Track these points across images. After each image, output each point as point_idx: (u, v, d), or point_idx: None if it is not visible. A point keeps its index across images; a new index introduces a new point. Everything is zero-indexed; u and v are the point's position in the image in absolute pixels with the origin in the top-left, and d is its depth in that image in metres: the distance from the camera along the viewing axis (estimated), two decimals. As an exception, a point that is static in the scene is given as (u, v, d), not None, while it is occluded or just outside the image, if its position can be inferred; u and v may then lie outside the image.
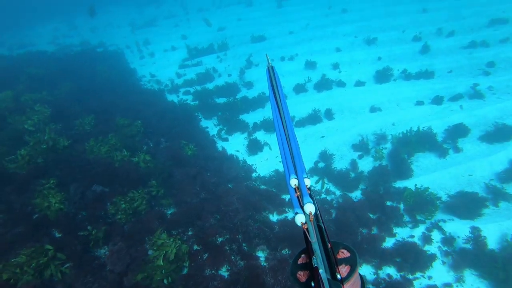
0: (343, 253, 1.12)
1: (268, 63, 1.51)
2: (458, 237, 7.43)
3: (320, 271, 0.94)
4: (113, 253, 6.19)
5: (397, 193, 8.59)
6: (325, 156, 10.03)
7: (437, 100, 11.47)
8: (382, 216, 8.01)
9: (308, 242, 1.02)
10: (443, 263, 7.05)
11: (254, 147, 10.83)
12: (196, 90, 14.60)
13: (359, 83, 13.36)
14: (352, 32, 17.37)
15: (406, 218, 8.12)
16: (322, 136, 11.00)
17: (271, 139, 11.18)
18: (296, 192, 1.06)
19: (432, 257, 7.09)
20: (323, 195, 8.96)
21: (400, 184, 8.86)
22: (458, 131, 9.80)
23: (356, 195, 8.85)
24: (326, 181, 9.47)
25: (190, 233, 6.88)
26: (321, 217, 1.08)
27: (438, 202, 8.24)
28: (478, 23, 15.86)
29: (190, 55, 18.64)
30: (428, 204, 8.14)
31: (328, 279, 0.95)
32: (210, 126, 12.37)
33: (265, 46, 17.88)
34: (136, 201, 7.22)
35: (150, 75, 17.12)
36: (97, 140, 8.95)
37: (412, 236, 7.60)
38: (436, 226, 7.82)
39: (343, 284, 1.00)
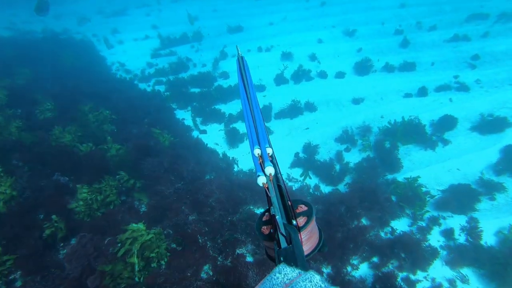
0: (301, 208, 1.19)
1: (238, 53, 1.53)
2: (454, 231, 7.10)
3: (277, 217, 1.00)
4: (74, 252, 5.29)
5: (386, 184, 8.17)
6: (309, 149, 9.48)
7: (424, 93, 11.18)
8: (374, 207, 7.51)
9: (269, 199, 1.06)
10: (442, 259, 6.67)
11: (233, 138, 10.12)
12: (169, 80, 13.71)
13: (341, 75, 12.92)
14: (333, 25, 17.01)
15: (398, 210, 7.69)
16: (307, 128, 10.47)
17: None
18: (259, 160, 1.09)
19: (433, 252, 6.67)
20: (310, 190, 8.41)
21: (389, 177, 8.46)
22: (448, 123, 9.49)
23: (342, 187, 8.36)
24: (310, 174, 8.93)
25: (167, 229, 6.08)
26: (281, 179, 1.11)
27: (427, 196, 7.88)
28: (459, 18, 15.88)
29: (163, 45, 17.65)
30: (417, 197, 7.76)
31: (283, 223, 1.01)
32: (185, 116, 11.54)
33: (243, 37, 17.19)
34: (103, 193, 6.33)
35: (119, 64, 16.00)
36: (62, 128, 7.96)
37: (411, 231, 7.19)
38: (431, 220, 7.44)
39: (299, 231, 1.09)
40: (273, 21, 18.46)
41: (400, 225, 7.38)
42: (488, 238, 6.89)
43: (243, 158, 9.43)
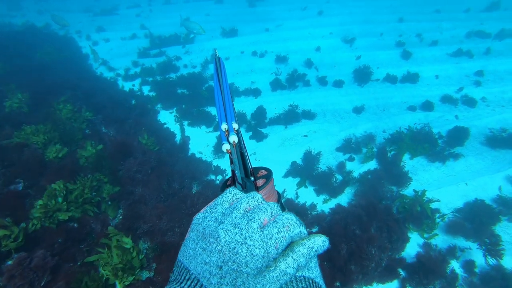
0: (262, 172, 1.23)
1: (216, 55, 1.47)
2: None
3: (236, 172, 1.03)
4: (18, 268, 4.17)
5: (391, 199, 7.31)
6: (309, 157, 8.58)
7: (429, 107, 10.51)
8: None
9: (231, 161, 1.09)
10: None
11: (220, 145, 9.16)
12: (156, 80, 12.73)
13: (340, 83, 12.20)
14: (331, 34, 16.44)
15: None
16: (305, 136, 9.63)
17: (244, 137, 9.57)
18: (225, 133, 1.11)
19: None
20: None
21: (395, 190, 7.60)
22: (458, 137, 8.81)
23: (344, 200, 7.48)
24: (307, 184, 8.02)
25: (147, 243, 5.05)
26: (245, 148, 1.13)
27: (437, 215, 7.05)
28: (459, 35, 15.57)
29: (152, 45, 16.68)
30: (425, 214, 6.89)
31: (242, 177, 1.03)
32: (170, 118, 10.58)
33: (236, 41, 16.40)
34: (74, 198, 5.26)
35: (103, 61, 14.93)
36: (35, 127, 6.85)
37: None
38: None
39: (257, 190, 1.09)
40: (268, 28, 17.78)
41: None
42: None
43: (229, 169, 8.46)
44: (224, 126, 1.13)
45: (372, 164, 8.39)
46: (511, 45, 14.44)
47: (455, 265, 6.11)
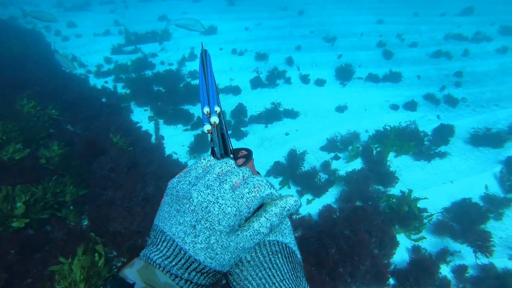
0: (242, 153, 1.26)
1: (202, 48, 1.48)
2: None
3: (215, 148, 1.03)
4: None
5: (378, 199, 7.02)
6: (293, 157, 8.21)
7: (411, 107, 10.41)
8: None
9: (211, 141, 1.10)
10: None
11: (200, 144, 8.67)
12: (130, 77, 12.08)
13: (321, 82, 11.94)
14: (312, 33, 16.25)
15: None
16: (286, 134, 9.28)
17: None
18: (207, 116, 1.12)
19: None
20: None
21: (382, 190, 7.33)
22: (444, 135, 8.68)
23: (329, 200, 7.14)
24: (291, 184, 7.64)
25: (114, 252, 4.49)
26: (226, 129, 1.14)
27: (425, 214, 6.81)
28: (437, 37, 15.75)
29: (127, 41, 15.95)
30: (413, 214, 6.64)
31: (221, 153, 1.03)
32: (145, 116, 10.00)
33: (215, 39, 15.95)
34: (34, 203, 4.64)
35: (72, 57, 14.12)
36: None
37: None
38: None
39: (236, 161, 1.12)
40: (248, 27, 17.41)
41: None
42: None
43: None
44: (206, 110, 1.15)
45: (358, 163, 8.11)
46: (487, 47, 14.70)
47: (445, 270, 5.85)
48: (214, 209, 0.73)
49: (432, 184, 7.62)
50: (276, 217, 0.76)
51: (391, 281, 5.47)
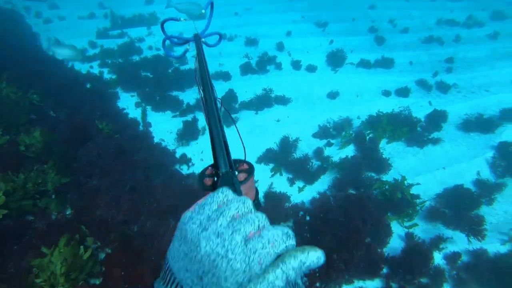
0: (243, 166, 1.23)
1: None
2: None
3: (219, 164, 1.05)
4: None
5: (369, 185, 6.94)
6: (286, 144, 8.06)
7: (403, 93, 10.32)
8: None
9: (214, 155, 1.11)
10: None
11: (189, 131, 8.44)
12: (117, 62, 11.68)
13: (313, 67, 11.73)
14: (303, 18, 15.96)
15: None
16: (278, 120, 9.12)
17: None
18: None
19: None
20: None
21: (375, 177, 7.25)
22: (437, 121, 8.63)
23: (322, 187, 7.05)
24: (283, 171, 7.51)
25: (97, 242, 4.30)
26: (225, 135, 1.17)
27: (417, 200, 6.75)
28: (428, 23, 15.64)
29: (113, 25, 15.43)
30: (407, 201, 6.57)
31: (226, 171, 1.05)
32: (133, 102, 9.71)
33: (203, 25, 15.52)
34: (13, 192, 4.39)
35: (56, 41, 13.58)
36: None
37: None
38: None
39: (240, 182, 1.11)
40: (237, 12, 17.01)
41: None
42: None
43: (196, 157, 7.85)
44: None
45: (350, 149, 8.00)
46: (478, 33, 14.63)
47: (437, 256, 5.81)
48: (222, 265, 0.69)
49: (425, 171, 7.57)
50: (293, 271, 0.69)
51: (385, 269, 5.41)
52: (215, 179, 1.17)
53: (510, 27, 14.78)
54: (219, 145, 1.10)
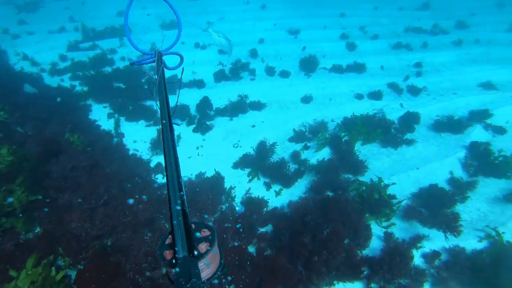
0: (204, 232, 1.26)
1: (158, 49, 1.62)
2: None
3: (176, 248, 1.10)
4: None
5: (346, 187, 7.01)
6: (260, 149, 8.05)
7: (375, 97, 10.57)
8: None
9: (172, 225, 1.12)
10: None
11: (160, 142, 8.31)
12: (88, 74, 11.43)
13: (286, 73, 11.89)
14: (275, 26, 16.19)
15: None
16: (253, 126, 9.13)
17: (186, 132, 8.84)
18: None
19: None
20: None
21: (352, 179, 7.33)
22: (409, 123, 8.85)
23: (300, 190, 7.07)
24: (260, 176, 7.48)
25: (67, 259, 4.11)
26: (185, 203, 1.16)
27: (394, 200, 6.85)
28: (397, 30, 16.18)
29: (85, 37, 15.15)
30: (384, 202, 6.65)
31: (184, 256, 1.10)
32: (105, 114, 9.51)
33: (176, 34, 15.48)
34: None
35: (24, 55, 13.21)
36: None
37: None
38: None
39: (199, 260, 1.17)
40: (210, 21, 17.08)
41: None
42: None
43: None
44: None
45: (326, 151, 8.08)
46: (443, 40, 15.24)
47: (416, 255, 5.89)
48: None
49: (399, 171, 7.72)
50: None
51: (366, 270, 5.43)
52: (173, 261, 1.16)
53: (473, 35, 15.51)
54: (177, 220, 1.11)
